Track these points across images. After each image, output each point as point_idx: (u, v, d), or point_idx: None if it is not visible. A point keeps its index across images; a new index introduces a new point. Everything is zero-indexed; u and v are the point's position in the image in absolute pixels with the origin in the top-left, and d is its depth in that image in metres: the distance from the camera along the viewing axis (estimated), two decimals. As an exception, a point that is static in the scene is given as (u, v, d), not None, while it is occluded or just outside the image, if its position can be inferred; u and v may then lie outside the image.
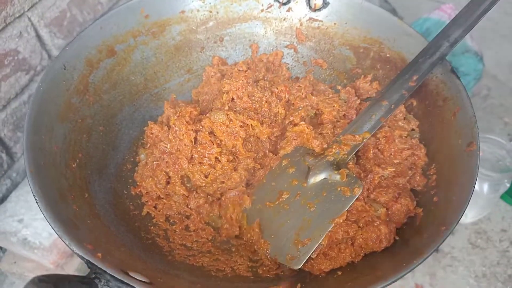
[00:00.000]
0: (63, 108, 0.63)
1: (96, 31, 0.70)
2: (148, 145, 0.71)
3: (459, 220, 0.49)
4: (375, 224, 0.56)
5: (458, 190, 0.54)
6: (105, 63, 0.71)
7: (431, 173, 0.62)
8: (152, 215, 0.67)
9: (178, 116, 0.66)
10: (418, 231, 0.55)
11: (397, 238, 0.57)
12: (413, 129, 0.68)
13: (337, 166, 0.62)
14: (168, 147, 0.65)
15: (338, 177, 0.60)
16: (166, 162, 0.66)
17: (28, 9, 0.86)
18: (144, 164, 0.69)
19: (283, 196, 0.62)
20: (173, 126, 0.65)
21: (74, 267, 0.89)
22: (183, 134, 0.64)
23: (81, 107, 0.66)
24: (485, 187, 1.06)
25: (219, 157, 0.65)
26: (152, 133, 0.69)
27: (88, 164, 0.64)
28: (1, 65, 0.84)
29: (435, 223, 0.53)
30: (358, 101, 0.73)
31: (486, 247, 1.12)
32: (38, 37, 0.92)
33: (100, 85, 0.70)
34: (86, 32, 0.68)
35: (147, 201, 0.68)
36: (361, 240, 0.56)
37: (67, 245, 0.45)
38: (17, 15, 0.84)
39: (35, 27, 0.90)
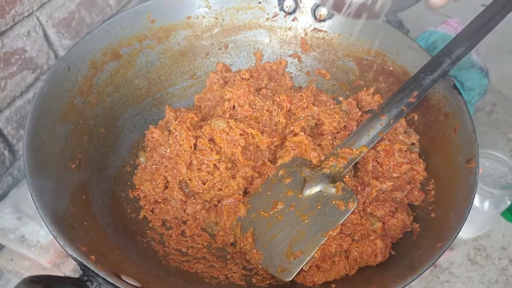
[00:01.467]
0: (65, 108, 0.64)
1: (102, 34, 0.70)
2: (148, 149, 0.71)
3: (455, 237, 0.49)
4: (371, 238, 0.56)
5: (456, 207, 0.54)
6: (110, 66, 0.71)
7: (430, 189, 0.62)
8: (149, 219, 0.67)
9: (179, 121, 0.66)
10: (414, 246, 0.55)
11: (393, 253, 0.57)
12: (413, 143, 0.68)
13: (333, 179, 0.62)
14: (168, 151, 0.66)
15: (333, 190, 0.60)
16: (165, 166, 0.66)
17: (37, 9, 0.87)
18: (143, 167, 0.69)
19: (277, 207, 0.62)
20: (174, 131, 0.66)
21: (70, 267, 0.89)
22: (183, 140, 0.65)
23: (83, 109, 0.67)
24: (486, 203, 1.05)
25: (217, 164, 0.65)
26: (152, 137, 0.69)
27: (88, 165, 0.64)
28: (8, 63, 0.84)
29: (431, 239, 0.53)
30: (360, 113, 0.73)
31: (485, 264, 1.11)
32: (46, 36, 0.92)
33: (103, 88, 0.70)
34: (92, 35, 0.69)
35: (144, 205, 0.68)
36: (356, 253, 0.56)
37: (61, 246, 0.45)
38: (26, 14, 0.85)
39: (43, 26, 0.91)
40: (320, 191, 0.61)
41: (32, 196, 0.49)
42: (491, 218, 1.12)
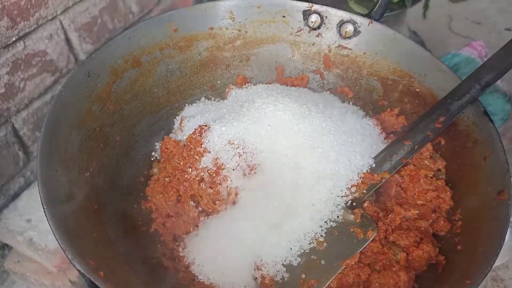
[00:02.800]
0: (83, 114, 0.62)
1: (124, 41, 0.69)
2: (162, 160, 0.69)
3: (487, 274, 0.46)
4: (394, 269, 0.53)
5: (486, 241, 0.51)
6: (130, 73, 0.70)
7: (456, 219, 0.59)
8: (160, 233, 0.65)
9: (194, 134, 0.64)
10: (439, 280, 0.52)
11: (416, 286, 0.54)
12: (439, 170, 0.65)
13: (352, 205, 0.59)
14: (181, 164, 0.64)
15: (352, 217, 0.58)
16: (178, 179, 0.64)
17: (61, 13, 0.88)
18: (157, 178, 0.68)
19: None
20: (188, 143, 0.64)
21: (76, 273, 0.88)
22: (197, 154, 0.63)
23: (101, 115, 0.65)
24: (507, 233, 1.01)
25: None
26: (167, 148, 0.67)
27: (102, 173, 0.62)
28: (29, 65, 0.85)
29: (458, 274, 0.49)
30: (384, 135, 0.70)
31: (503, 296, 1.07)
32: (67, 40, 0.93)
33: (122, 95, 0.69)
34: (114, 41, 0.68)
35: (156, 218, 0.66)
36: (377, 285, 0.53)
37: (69, 259, 0.43)
38: (50, 18, 0.85)
39: (65, 30, 0.91)
40: (338, 217, 0.58)
41: (42, 204, 0.47)
42: (510, 249, 1.07)
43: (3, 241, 0.90)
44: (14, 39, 0.79)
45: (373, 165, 0.62)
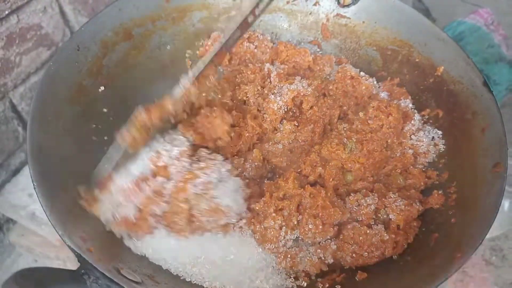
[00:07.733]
0: (74, 90, 0.62)
1: (115, 13, 0.68)
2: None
3: (476, 248, 0.46)
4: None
5: (479, 214, 0.50)
6: (121, 47, 0.69)
7: (451, 192, 0.58)
8: None
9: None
10: (431, 254, 0.52)
11: (408, 259, 0.54)
12: None
13: None
14: None
15: None
16: None
17: (55, -15, 0.85)
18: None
19: None
20: None
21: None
22: None
23: (92, 90, 0.65)
24: (506, 204, 1.00)
25: None
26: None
27: (95, 150, 0.62)
28: (24, 39, 0.83)
29: (450, 248, 0.49)
30: None
31: (501, 265, 1.07)
32: (62, 13, 0.90)
33: (114, 69, 0.68)
34: (103, 13, 0.67)
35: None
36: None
37: (60, 235, 0.43)
38: (43, -11, 0.83)
39: (59, 3, 0.89)
40: None
41: (32, 181, 0.47)
42: (510, 219, 1.07)
43: (6, 215, 0.91)
44: (6, 12, 0.77)
45: None
